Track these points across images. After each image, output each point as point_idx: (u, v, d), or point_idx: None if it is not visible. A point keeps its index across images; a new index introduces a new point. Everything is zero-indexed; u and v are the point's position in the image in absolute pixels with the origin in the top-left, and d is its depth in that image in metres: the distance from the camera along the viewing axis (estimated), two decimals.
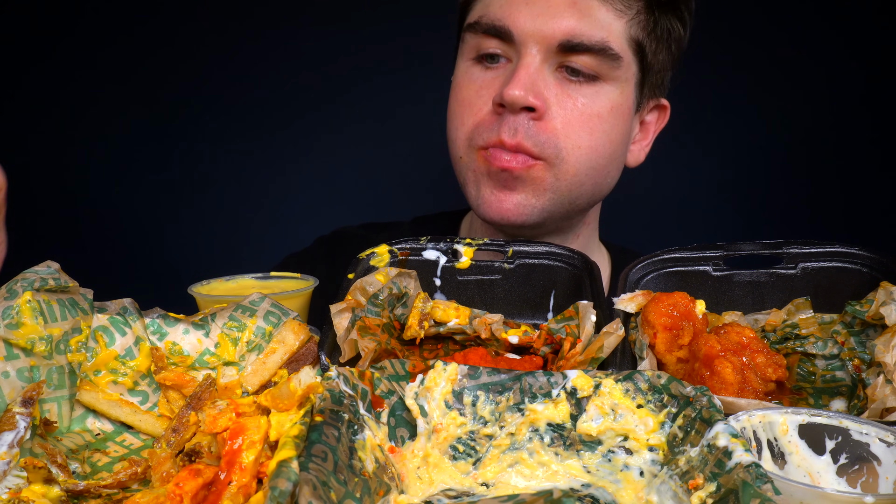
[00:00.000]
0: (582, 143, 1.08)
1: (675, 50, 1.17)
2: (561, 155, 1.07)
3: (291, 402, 0.58)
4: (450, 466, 0.64)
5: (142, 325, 0.77)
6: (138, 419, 0.74)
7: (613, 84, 1.09)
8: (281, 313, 0.81)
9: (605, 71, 1.07)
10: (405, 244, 0.94)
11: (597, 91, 1.08)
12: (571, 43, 1.04)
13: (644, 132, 1.22)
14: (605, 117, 1.08)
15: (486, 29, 1.09)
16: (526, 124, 1.05)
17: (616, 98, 1.09)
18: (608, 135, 1.10)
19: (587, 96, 1.08)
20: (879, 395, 0.71)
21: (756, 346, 0.78)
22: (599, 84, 1.08)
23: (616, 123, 1.10)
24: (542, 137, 1.06)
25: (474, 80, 1.12)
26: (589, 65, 1.06)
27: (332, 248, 1.39)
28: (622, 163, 1.18)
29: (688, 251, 0.93)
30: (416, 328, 0.84)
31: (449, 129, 1.17)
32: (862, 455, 0.61)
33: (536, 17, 1.05)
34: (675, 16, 1.13)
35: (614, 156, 1.13)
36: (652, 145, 1.25)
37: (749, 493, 0.48)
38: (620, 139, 1.13)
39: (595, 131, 1.08)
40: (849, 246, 0.89)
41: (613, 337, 0.77)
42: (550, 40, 1.05)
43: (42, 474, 0.61)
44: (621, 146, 1.14)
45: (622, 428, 0.63)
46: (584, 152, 1.08)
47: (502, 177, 1.08)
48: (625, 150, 1.17)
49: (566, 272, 0.92)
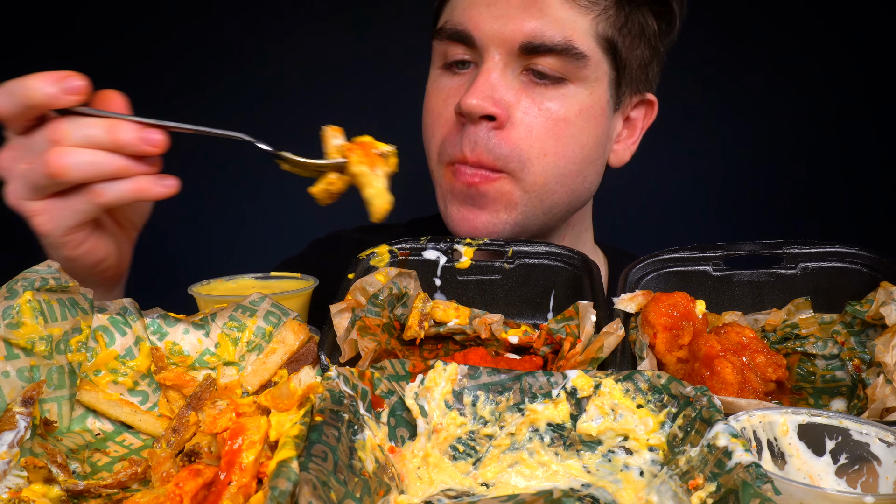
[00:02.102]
0: (548, 150, 1.04)
1: (655, 43, 1.12)
2: (525, 166, 1.03)
3: (291, 402, 0.58)
4: (450, 466, 0.64)
5: (142, 325, 0.77)
6: (138, 419, 0.74)
7: (582, 85, 1.04)
8: (281, 313, 0.81)
9: (571, 71, 1.03)
10: (405, 244, 0.94)
11: (563, 94, 1.04)
12: (533, 44, 1.00)
13: (630, 129, 1.18)
14: (572, 121, 1.04)
15: (450, 35, 1.06)
16: (486, 136, 1.02)
17: (585, 100, 1.05)
18: (577, 139, 1.05)
19: (553, 99, 1.03)
20: (879, 395, 0.71)
21: (756, 346, 0.78)
22: (566, 86, 1.04)
23: (587, 126, 1.06)
24: (504, 150, 1.02)
25: (442, 89, 1.10)
26: (554, 66, 1.02)
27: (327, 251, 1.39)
28: (601, 164, 1.14)
29: (688, 251, 0.93)
30: (416, 328, 0.84)
31: (423, 139, 1.15)
32: (862, 455, 0.61)
33: (496, 20, 1.02)
34: (648, 10, 1.09)
35: (588, 160, 1.09)
36: (650, 144, 1.23)
37: (749, 493, 0.48)
38: (594, 142, 1.08)
39: (562, 136, 1.04)
40: (849, 246, 0.89)
41: (613, 337, 0.77)
42: (511, 43, 1.01)
43: (42, 474, 0.61)
44: (596, 149, 1.10)
45: (622, 428, 0.63)
46: (551, 160, 1.04)
47: (469, 193, 1.05)
48: (602, 152, 1.13)
49: (566, 272, 0.92)
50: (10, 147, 0.81)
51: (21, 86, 0.77)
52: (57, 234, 0.82)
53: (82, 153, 0.79)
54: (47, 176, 0.77)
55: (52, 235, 0.83)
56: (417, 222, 1.41)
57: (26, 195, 0.81)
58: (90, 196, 0.81)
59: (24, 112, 0.78)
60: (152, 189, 0.84)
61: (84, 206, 0.81)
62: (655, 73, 1.18)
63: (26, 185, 0.80)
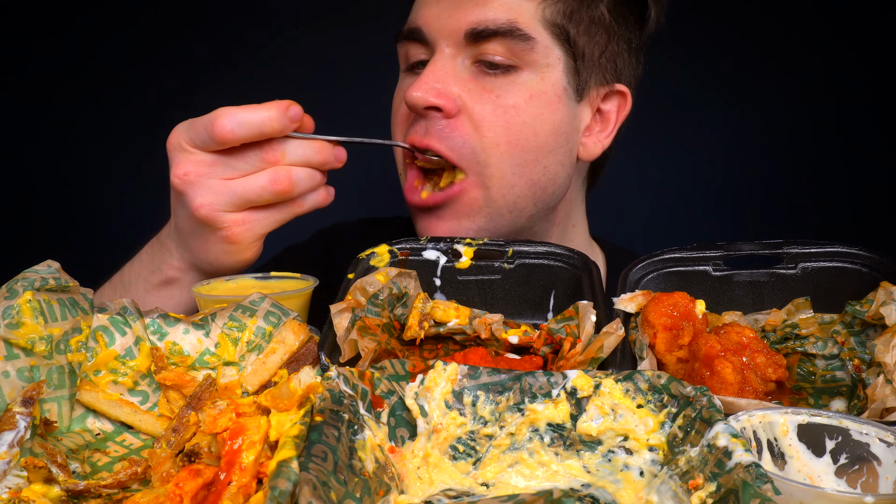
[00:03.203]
0: (500, 140, 1.03)
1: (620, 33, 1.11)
2: (480, 158, 1.03)
3: (291, 402, 0.58)
4: (450, 466, 0.64)
5: (142, 325, 0.77)
6: (138, 419, 0.74)
7: (531, 70, 1.04)
8: (281, 313, 0.81)
9: (519, 56, 1.02)
10: (405, 244, 0.94)
11: (513, 80, 1.03)
12: (477, 30, 1.01)
13: (604, 122, 1.15)
14: (522, 107, 1.03)
15: (406, 35, 1.09)
16: (438, 124, 1.02)
17: (536, 85, 1.04)
18: (529, 126, 1.04)
19: (503, 87, 1.03)
20: (879, 395, 0.71)
21: (756, 346, 0.78)
22: (517, 73, 1.03)
23: (540, 112, 1.04)
24: (457, 140, 1.02)
25: (402, 89, 1.11)
26: (501, 52, 1.02)
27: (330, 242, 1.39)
28: (565, 155, 1.10)
29: (688, 251, 0.93)
30: (416, 329, 0.84)
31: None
32: (862, 455, 0.61)
33: (443, 12, 1.04)
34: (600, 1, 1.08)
35: (546, 148, 1.06)
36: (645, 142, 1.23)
37: (749, 493, 0.48)
38: (549, 128, 1.06)
39: (512, 124, 1.03)
40: (849, 246, 0.89)
41: (613, 337, 0.77)
42: (457, 32, 1.02)
43: (42, 474, 0.61)
44: (553, 136, 1.06)
45: (622, 428, 0.63)
46: (504, 149, 1.03)
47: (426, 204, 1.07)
48: (564, 141, 1.09)
49: (566, 272, 0.92)
50: (199, 163, 0.89)
51: (253, 116, 0.86)
52: (248, 241, 0.92)
53: (302, 171, 0.90)
54: (276, 193, 0.88)
55: (243, 243, 0.92)
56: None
57: (226, 207, 0.89)
58: (292, 207, 0.92)
59: (255, 138, 0.87)
60: (328, 197, 0.96)
61: (283, 215, 0.92)
62: (627, 63, 1.15)
63: (230, 199, 0.88)
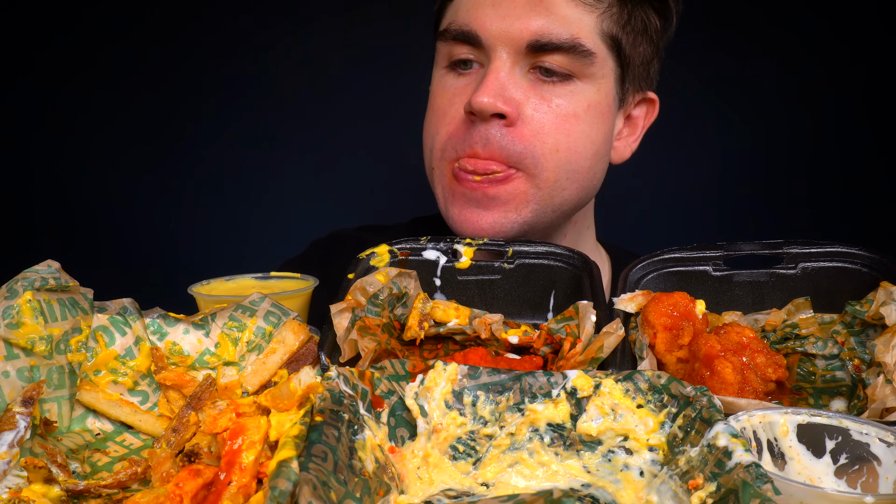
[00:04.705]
0: (560, 146, 1.05)
1: (656, 41, 1.13)
2: (539, 162, 1.04)
3: (291, 402, 0.58)
4: (450, 466, 0.64)
5: (142, 325, 0.77)
6: (138, 419, 0.74)
7: (589, 82, 1.06)
8: (281, 313, 0.81)
9: (578, 69, 1.04)
10: (405, 244, 0.94)
11: (572, 90, 1.05)
12: (540, 42, 1.01)
13: (632, 128, 1.19)
14: (582, 117, 1.05)
15: (455, 35, 1.07)
16: (499, 133, 1.03)
17: (593, 96, 1.06)
18: (587, 134, 1.07)
19: (562, 96, 1.05)
20: (879, 395, 0.71)
21: (756, 346, 0.78)
22: (574, 83, 1.05)
23: (595, 122, 1.07)
24: (518, 146, 1.03)
25: (448, 89, 1.10)
26: (562, 63, 1.03)
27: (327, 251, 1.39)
28: (607, 161, 1.15)
29: (688, 251, 0.93)
30: (416, 329, 0.84)
31: (424, 139, 1.15)
32: (862, 455, 0.61)
33: (503, 19, 1.03)
34: (650, 7, 1.10)
35: (597, 156, 1.10)
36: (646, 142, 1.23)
37: (749, 493, 0.48)
38: (602, 138, 1.10)
39: (572, 132, 1.05)
40: (849, 246, 0.89)
41: (613, 337, 0.77)
42: (519, 42, 1.02)
43: (42, 474, 0.61)
44: (604, 145, 1.11)
45: (622, 428, 0.63)
46: (562, 155, 1.05)
47: (473, 196, 1.06)
48: (608, 149, 1.14)
49: (566, 272, 0.92)
50: None
51: None
52: None
53: None
54: None
55: None
56: (419, 221, 1.41)
57: None
58: None
59: None
60: None
61: None
62: (656, 70, 1.18)
63: None
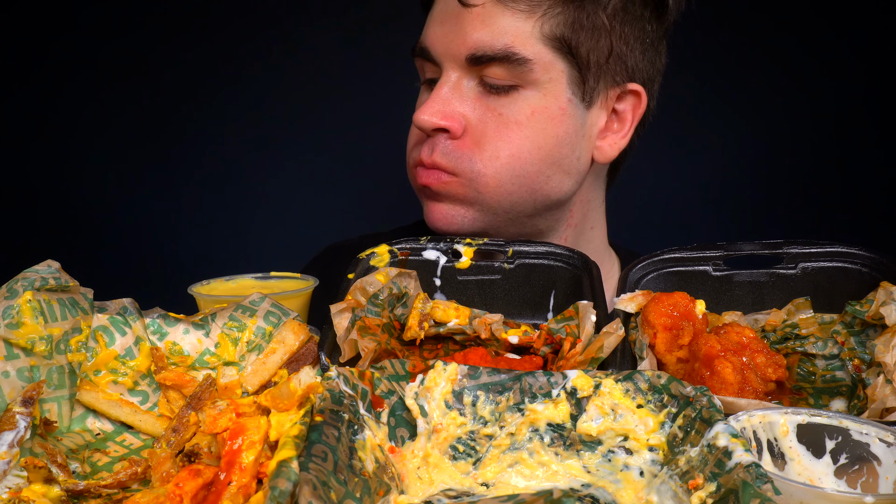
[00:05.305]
0: (500, 154, 1.07)
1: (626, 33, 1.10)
2: (476, 168, 1.07)
3: (291, 402, 0.58)
4: (450, 466, 0.64)
5: (142, 325, 0.77)
6: (138, 419, 0.74)
7: (532, 88, 1.06)
8: (281, 313, 0.81)
9: (519, 76, 1.05)
10: (405, 244, 0.95)
11: (514, 98, 1.07)
12: (476, 55, 1.04)
13: (620, 122, 1.17)
14: (524, 123, 1.07)
15: (418, 53, 1.13)
16: (442, 145, 1.07)
17: (538, 102, 1.07)
18: (533, 140, 1.07)
19: (505, 105, 1.07)
20: (879, 395, 0.71)
21: (756, 346, 0.78)
22: (518, 91, 1.06)
23: (543, 127, 1.08)
24: (457, 155, 1.07)
25: (419, 104, 1.15)
26: (501, 75, 1.05)
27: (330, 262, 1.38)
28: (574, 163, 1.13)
29: (688, 251, 0.93)
30: (416, 329, 0.84)
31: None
32: (862, 455, 0.61)
33: (445, 36, 1.06)
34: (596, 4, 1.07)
35: (550, 159, 1.09)
36: (650, 144, 1.23)
37: (749, 493, 0.48)
38: (553, 142, 1.09)
39: (514, 139, 1.07)
40: (849, 246, 0.89)
41: (613, 337, 0.77)
42: (459, 57, 1.05)
43: (42, 474, 0.61)
44: (558, 147, 1.10)
45: (622, 428, 0.63)
46: (503, 161, 1.07)
47: (427, 192, 1.12)
48: (571, 151, 1.11)
49: (566, 272, 0.92)
50: None
51: None
52: None
53: None
54: None
55: None
56: (421, 224, 1.41)
57: None
58: None
59: None
60: None
61: None
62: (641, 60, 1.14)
63: None
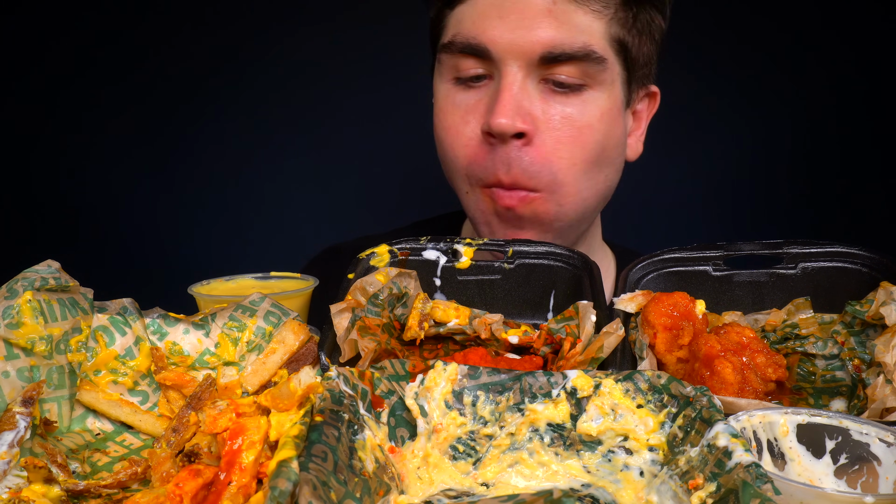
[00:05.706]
0: (576, 159, 1.04)
1: (658, 39, 1.13)
2: (558, 179, 1.04)
3: (291, 402, 0.58)
4: (450, 466, 0.64)
5: (142, 325, 0.77)
6: (138, 419, 0.74)
7: (600, 89, 1.04)
8: (281, 313, 0.81)
9: (590, 76, 1.02)
10: (405, 244, 0.94)
11: (584, 100, 1.03)
12: (553, 54, 0.99)
13: (637, 122, 1.18)
14: (596, 126, 1.04)
15: (462, 48, 1.03)
16: (518, 156, 1.01)
17: (605, 103, 1.05)
18: (601, 143, 1.05)
19: (575, 106, 1.03)
20: (879, 395, 0.71)
21: (756, 346, 0.78)
22: (587, 91, 1.03)
23: (608, 129, 1.06)
24: (536, 166, 1.02)
25: (458, 105, 1.07)
26: (573, 74, 1.01)
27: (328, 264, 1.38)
28: (622, 161, 1.15)
29: (688, 251, 0.93)
30: (415, 329, 0.84)
31: (442, 158, 1.13)
32: (862, 455, 0.61)
33: (513, 31, 0.99)
34: (652, 6, 1.09)
35: (611, 160, 1.10)
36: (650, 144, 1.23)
37: (749, 493, 0.48)
38: (615, 142, 1.09)
39: (588, 143, 1.04)
40: (849, 246, 0.89)
41: (613, 337, 0.77)
42: (530, 54, 0.99)
43: (42, 474, 0.61)
44: (616, 148, 1.11)
45: (622, 428, 0.63)
46: (580, 168, 1.05)
47: (509, 216, 1.06)
48: (621, 151, 1.13)
49: (566, 272, 0.92)
50: None
51: None
52: None
53: None
54: None
55: None
56: (420, 225, 1.41)
57: None
58: None
59: None
60: None
61: None
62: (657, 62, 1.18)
63: None
